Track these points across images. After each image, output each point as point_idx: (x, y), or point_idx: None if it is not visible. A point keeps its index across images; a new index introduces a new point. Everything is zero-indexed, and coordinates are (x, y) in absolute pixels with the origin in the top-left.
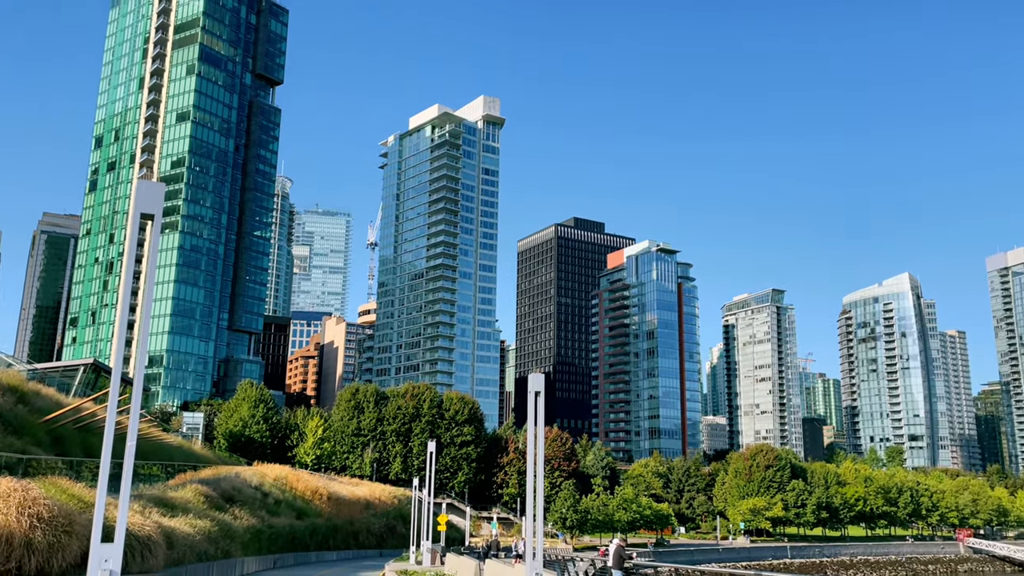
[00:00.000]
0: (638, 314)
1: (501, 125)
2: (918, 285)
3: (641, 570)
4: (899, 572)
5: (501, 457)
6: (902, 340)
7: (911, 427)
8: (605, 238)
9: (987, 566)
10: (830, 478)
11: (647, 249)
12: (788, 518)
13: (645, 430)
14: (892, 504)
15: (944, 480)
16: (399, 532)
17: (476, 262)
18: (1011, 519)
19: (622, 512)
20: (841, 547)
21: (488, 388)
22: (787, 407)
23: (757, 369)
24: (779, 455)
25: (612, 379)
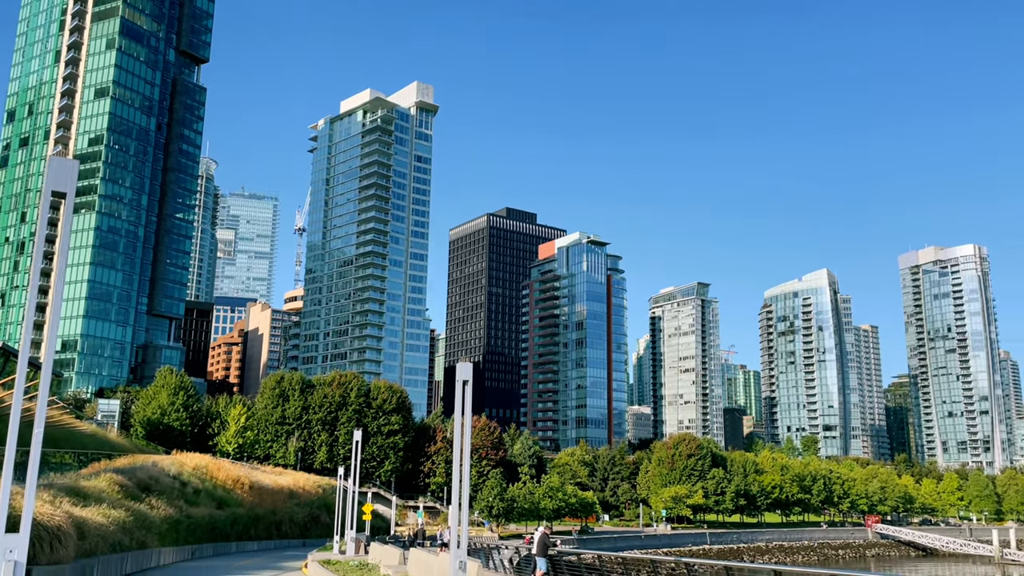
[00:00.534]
0: (568, 305)
1: (434, 112)
2: (835, 281)
3: (565, 557)
4: (811, 557)
5: (429, 446)
6: (819, 334)
7: (826, 417)
8: (537, 229)
9: (893, 551)
10: (749, 467)
11: (578, 241)
12: (708, 505)
13: (572, 419)
14: (806, 492)
15: (855, 469)
16: (323, 522)
17: (407, 250)
18: (916, 506)
19: (548, 500)
20: (758, 533)
21: (417, 377)
22: (709, 397)
23: (682, 360)
24: (701, 444)
25: (541, 369)
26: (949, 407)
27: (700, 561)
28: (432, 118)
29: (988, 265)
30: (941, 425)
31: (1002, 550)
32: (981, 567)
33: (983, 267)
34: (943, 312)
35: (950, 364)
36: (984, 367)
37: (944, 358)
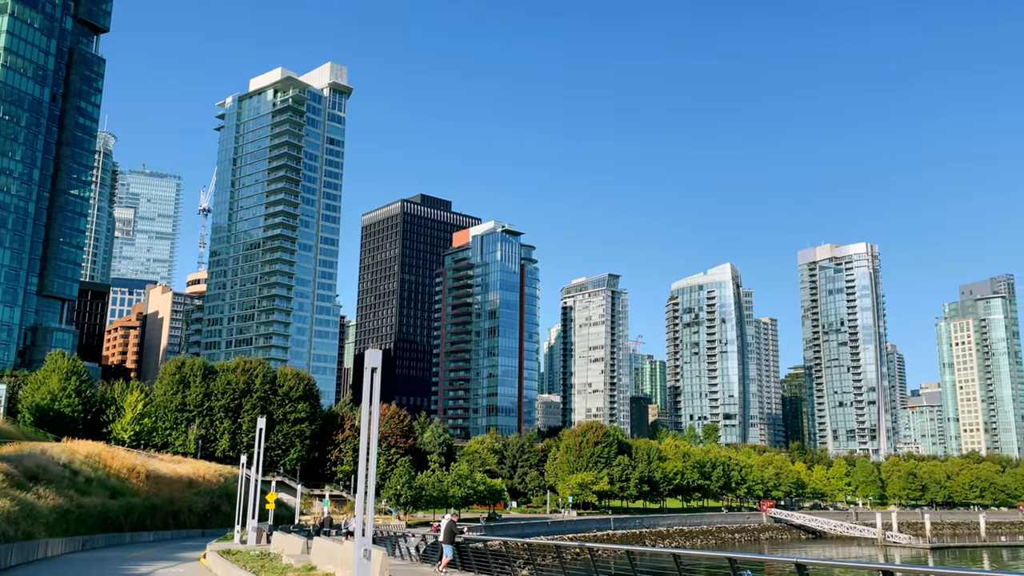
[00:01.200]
0: (481, 293)
1: (348, 95)
2: (738, 275)
3: (471, 544)
4: (709, 540)
5: (336, 434)
6: (722, 326)
7: (726, 406)
8: (451, 216)
9: (785, 534)
10: (652, 454)
11: (492, 230)
12: (613, 491)
13: (483, 408)
14: (706, 478)
15: (752, 456)
16: (224, 511)
17: (317, 234)
18: (807, 491)
19: (457, 488)
20: (660, 518)
21: (326, 364)
22: (617, 386)
23: (591, 350)
24: (607, 432)
25: (453, 357)
26: (840, 397)
27: (603, 546)
28: (346, 100)
29: (879, 263)
30: (832, 414)
31: (884, 533)
32: (865, 549)
33: (874, 264)
34: (837, 307)
35: (842, 356)
36: (873, 360)
37: (837, 350)
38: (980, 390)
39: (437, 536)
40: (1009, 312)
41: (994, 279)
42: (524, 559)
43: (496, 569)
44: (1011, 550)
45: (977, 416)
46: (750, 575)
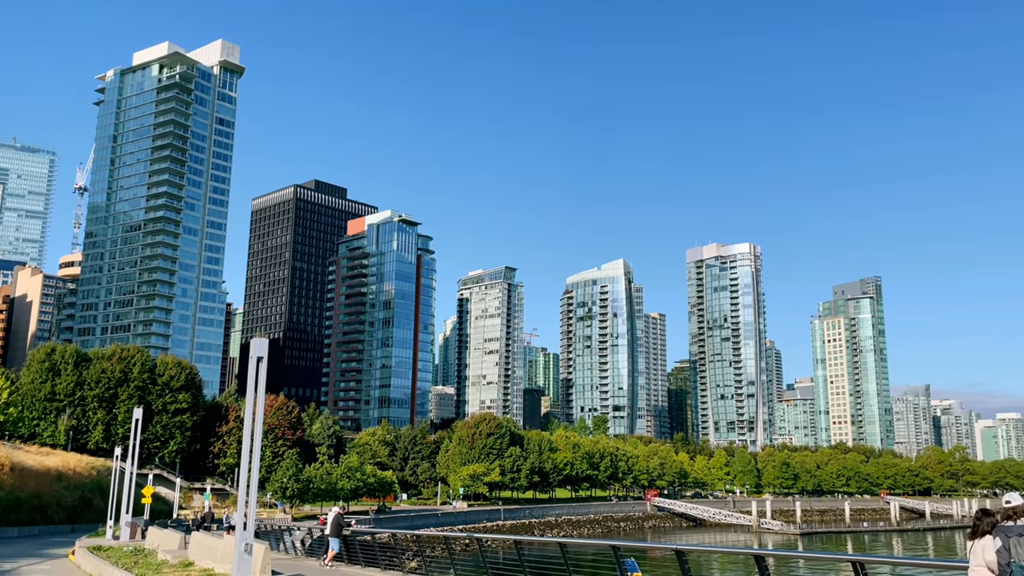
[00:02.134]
0: (376, 283)
1: (240, 74)
2: (630, 271)
3: (359, 537)
4: (596, 529)
5: (220, 426)
6: (614, 320)
7: (616, 398)
8: (347, 204)
9: (668, 522)
10: (544, 445)
11: (389, 219)
12: (504, 483)
13: (375, 399)
14: (595, 468)
15: (639, 446)
16: (97, 506)
17: (204, 217)
18: (690, 480)
19: (346, 480)
20: (549, 508)
21: (210, 353)
22: (511, 378)
23: (487, 342)
24: (501, 424)
25: (345, 347)
26: (722, 390)
27: (491, 536)
28: (237, 80)
29: (761, 263)
30: (714, 406)
31: (759, 520)
32: (741, 535)
33: (757, 264)
34: (721, 304)
35: (724, 351)
36: (752, 355)
37: (720, 346)
38: (849, 384)
39: (324, 529)
40: (876, 312)
41: (864, 280)
42: (413, 551)
43: (384, 562)
44: (872, 535)
45: (845, 409)
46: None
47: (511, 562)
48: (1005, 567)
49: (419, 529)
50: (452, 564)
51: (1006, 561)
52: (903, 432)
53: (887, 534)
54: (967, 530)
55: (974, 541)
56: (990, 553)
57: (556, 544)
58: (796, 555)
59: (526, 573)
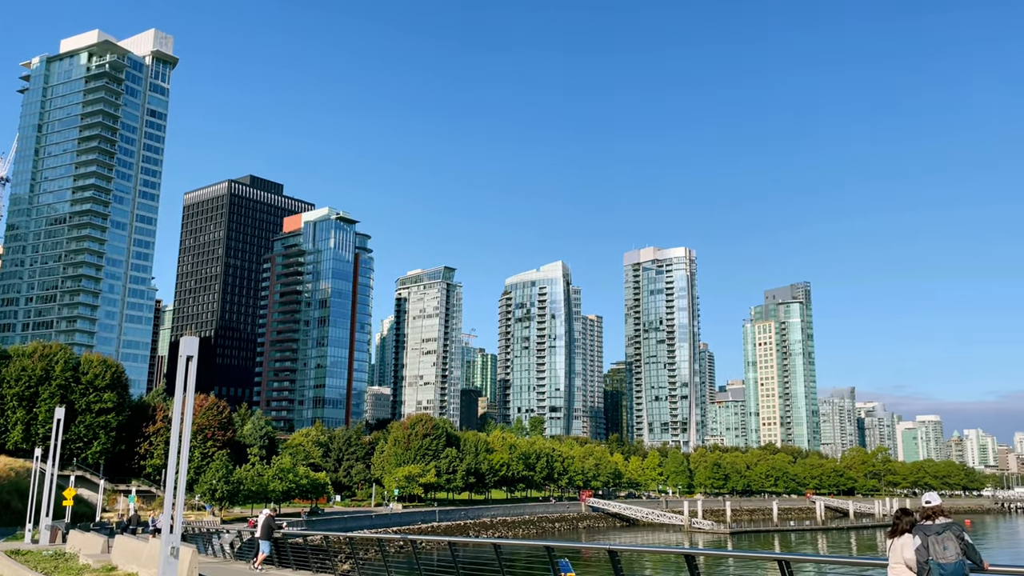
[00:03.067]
0: (312, 282)
1: (174, 65)
2: (569, 273)
3: (290, 539)
4: (531, 530)
5: (147, 426)
6: (552, 321)
7: (553, 399)
8: (283, 201)
9: (602, 522)
10: (480, 446)
11: (326, 216)
12: (440, 484)
13: (310, 399)
14: (531, 469)
15: (575, 447)
16: (15, 508)
17: (133, 211)
18: (624, 481)
19: (278, 482)
20: (484, 509)
21: (138, 351)
22: (448, 379)
23: (424, 342)
24: (437, 424)
25: (279, 347)
26: (656, 392)
27: (425, 538)
28: (171, 71)
29: (696, 267)
30: (649, 408)
31: (690, 519)
32: (673, 534)
33: (692, 268)
34: (657, 307)
35: (659, 353)
36: (687, 357)
37: (655, 348)
38: (778, 387)
39: (254, 532)
40: (805, 316)
41: (794, 286)
42: (346, 554)
43: (316, 564)
44: (798, 534)
45: (775, 411)
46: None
47: (445, 564)
48: (923, 564)
49: (353, 531)
50: (386, 566)
51: (924, 559)
52: (829, 433)
53: (812, 533)
54: (887, 528)
55: (894, 539)
56: (909, 551)
57: (490, 545)
58: (725, 554)
59: (460, 575)
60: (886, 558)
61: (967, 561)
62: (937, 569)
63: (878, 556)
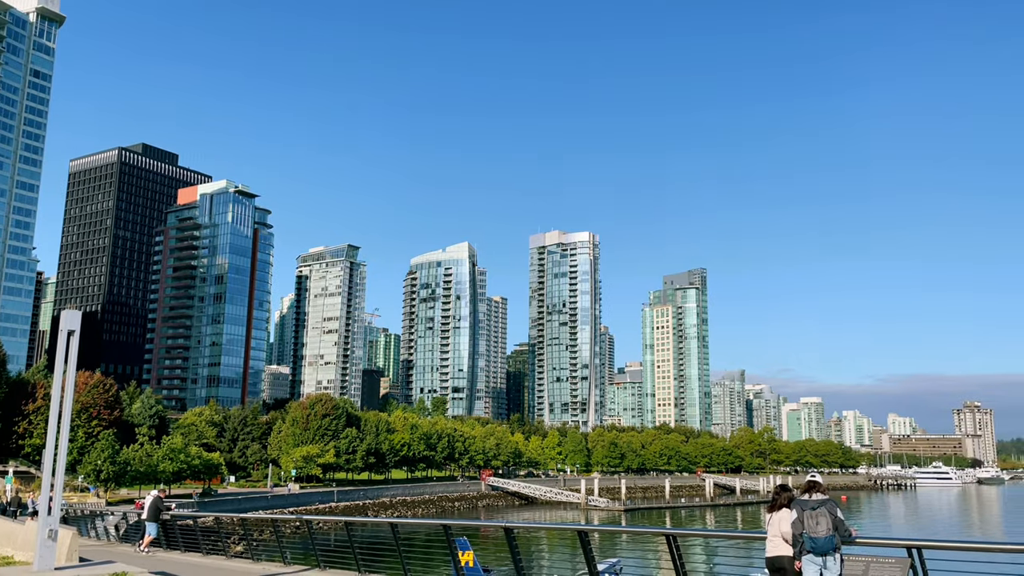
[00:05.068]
0: (208, 256)
1: (60, 23)
2: (475, 254)
3: (180, 521)
4: (431, 509)
5: (27, 404)
6: (457, 302)
7: (456, 380)
8: (178, 171)
9: (501, 501)
10: (381, 426)
11: (224, 189)
12: (339, 464)
13: (204, 378)
14: (432, 449)
15: (477, 427)
16: None
17: (13, 177)
18: (524, 460)
19: (168, 463)
20: (384, 489)
21: (16, 325)
22: (350, 359)
23: (326, 321)
24: (337, 404)
25: (172, 323)
26: (558, 373)
27: (320, 518)
28: (57, 29)
29: (599, 251)
30: (550, 388)
31: (587, 497)
32: (570, 512)
33: (595, 252)
34: (560, 289)
35: (562, 335)
36: (588, 339)
37: (557, 330)
38: (673, 369)
39: (140, 514)
40: (701, 301)
41: (691, 272)
42: (239, 535)
43: (207, 546)
44: (688, 510)
45: (670, 392)
46: (465, 541)
47: (342, 544)
48: (798, 536)
49: (247, 512)
50: (280, 547)
51: (799, 531)
52: (720, 414)
53: (702, 509)
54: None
55: (772, 514)
56: (785, 525)
57: (387, 524)
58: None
59: (356, 555)
60: (766, 531)
61: (836, 536)
62: (809, 542)
63: (760, 530)
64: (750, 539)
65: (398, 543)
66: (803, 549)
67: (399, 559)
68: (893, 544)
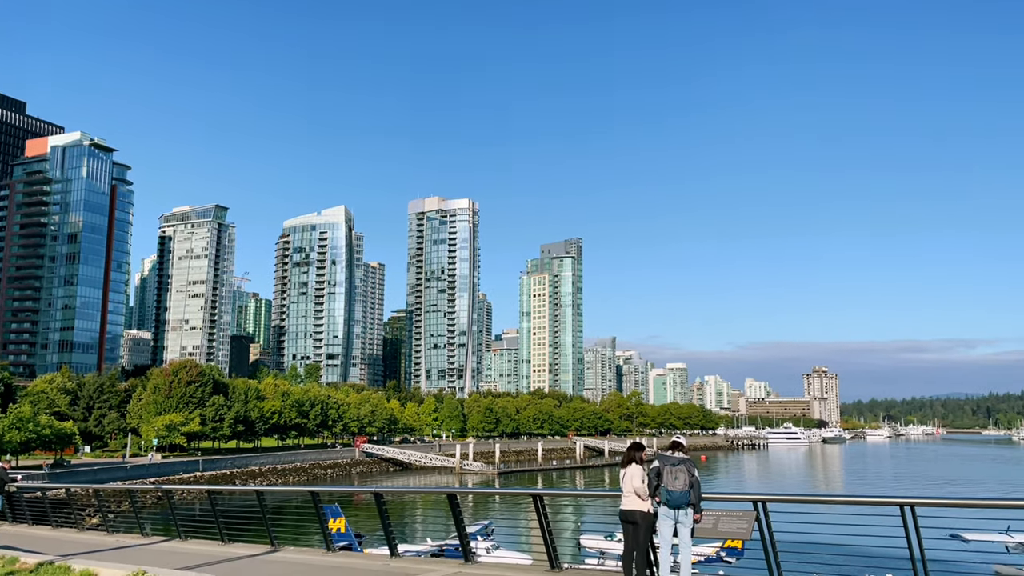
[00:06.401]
0: (60, 214)
1: None
2: (352, 218)
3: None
4: (302, 477)
5: None
6: (332, 267)
7: (330, 347)
8: (26, 121)
9: (376, 467)
10: (251, 393)
11: (78, 142)
12: (206, 432)
13: (55, 343)
14: (305, 416)
15: (351, 394)
16: None
17: None
18: (399, 426)
19: (15, 432)
20: (252, 458)
21: None
22: (218, 324)
23: (191, 285)
24: (203, 371)
25: (19, 284)
26: (435, 340)
27: (181, 487)
28: None
29: (478, 218)
30: (427, 355)
31: (462, 462)
32: (445, 476)
33: (474, 220)
34: (439, 256)
35: (440, 302)
36: (466, 306)
37: (436, 297)
38: (549, 336)
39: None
40: (576, 270)
41: (567, 241)
42: (95, 507)
43: (58, 519)
44: (559, 472)
45: (545, 359)
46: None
47: (206, 514)
48: (655, 489)
49: (104, 483)
50: (138, 519)
51: (655, 484)
52: (592, 380)
53: (572, 471)
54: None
55: (624, 470)
56: (637, 480)
57: (253, 493)
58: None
59: (220, 524)
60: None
61: (691, 492)
62: (665, 494)
63: (619, 488)
64: (611, 496)
65: (264, 512)
66: (659, 501)
67: (266, 528)
68: (741, 498)
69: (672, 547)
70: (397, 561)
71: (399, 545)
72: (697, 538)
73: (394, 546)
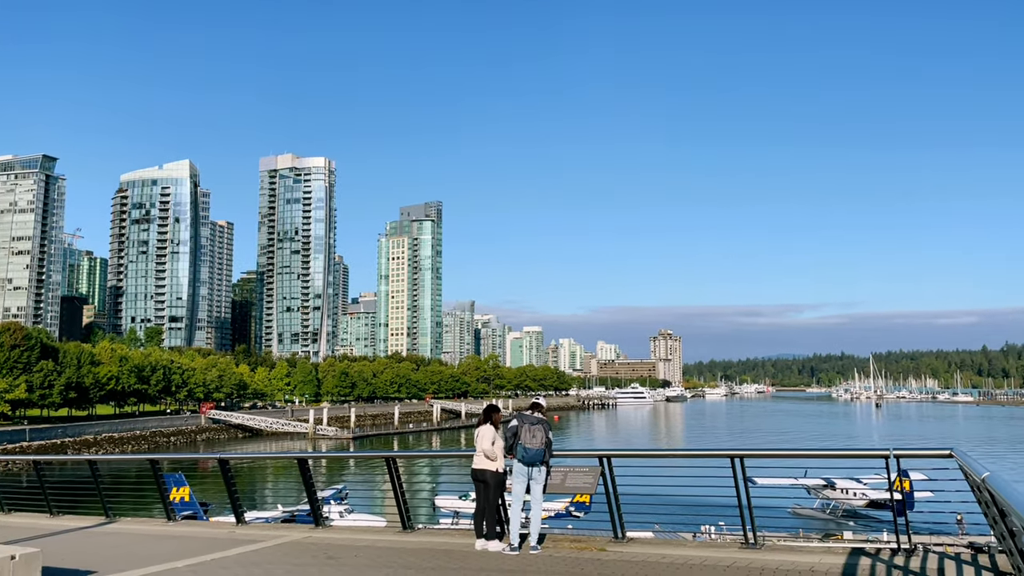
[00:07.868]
0: None
1: None
2: (197, 173)
3: None
4: (142, 445)
5: None
6: (175, 225)
7: (173, 309)
8: None
9: (223, 434)
10: (84, 358)
11: None
12: (33, 400)
13: None
14: (145, 382)
15: (197, 359)
16: None
17: None
18: (249, 392)
19: None
20: (86, 426)
21: None
22: (46, 284)
23: (15, 241)
24: (29, 335)
25: None
26: (288, 303)
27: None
28: None
29: (335, 178)
30: (280, 319)
31: (315, 427)
32: (297, 442)
33: (331, 179)
34: (293, 216)
35: (293, 264)
36: (321, 268)
37: (289, 258)
38: (407, 299)
39: None
40: (436, 234)
41: (427, 204)
42: None
43: None
44: (416, 435)
45: (403, 322)
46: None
47: (33, 486)
48: (512, 447)
49: None
50: None
51: (512, 443)
52: (450, 343)
53: (428, 433)
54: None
55: (478, 430)
56: (486, 442)
57: (86, 463)
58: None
59: (48, 496)
60: (473, 449)
61: (545, 452)
62: (521, 451)
63: (467, 448)
64: (465, 457)
65: (98, 482)
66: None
67: (100, 499)
68: (588, 455)
69: (524, 503)
70: (244, 528)
71: (248, 513)
72: (548, 494)
73: (241, 514)
